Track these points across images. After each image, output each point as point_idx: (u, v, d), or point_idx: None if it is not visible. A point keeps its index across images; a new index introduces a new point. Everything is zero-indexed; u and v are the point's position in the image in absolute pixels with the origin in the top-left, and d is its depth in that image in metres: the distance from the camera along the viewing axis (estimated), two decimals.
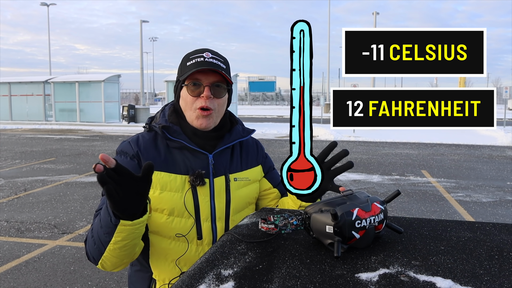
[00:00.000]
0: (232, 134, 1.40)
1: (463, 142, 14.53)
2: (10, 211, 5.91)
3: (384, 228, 0.94)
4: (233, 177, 1.38)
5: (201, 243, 1.32)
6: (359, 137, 15.58)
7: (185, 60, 1.33)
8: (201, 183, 1.29)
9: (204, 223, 1.31)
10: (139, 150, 1.32)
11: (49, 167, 9.42)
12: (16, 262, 4.14)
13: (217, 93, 1.31)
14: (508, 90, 22.52)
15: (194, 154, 1.33)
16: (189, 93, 1.30)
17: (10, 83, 23.39)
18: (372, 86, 22.63)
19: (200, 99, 1.29)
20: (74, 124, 21.57)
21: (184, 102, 1.33)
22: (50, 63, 39.88)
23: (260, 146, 1.53)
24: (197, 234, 1.31)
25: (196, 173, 1.29)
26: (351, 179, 8.16)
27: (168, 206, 1.29)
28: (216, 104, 1.31)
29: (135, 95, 65.67)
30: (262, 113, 38.19)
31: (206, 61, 1.29)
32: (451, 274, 0.77)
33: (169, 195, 1.29)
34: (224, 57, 1.37)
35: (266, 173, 1.50)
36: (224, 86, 1.33)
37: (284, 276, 0.78)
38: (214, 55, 1.33)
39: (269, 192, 1.48)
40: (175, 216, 1.30)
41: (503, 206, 6.28)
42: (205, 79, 1.29)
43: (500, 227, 1.04)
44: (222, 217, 1.34)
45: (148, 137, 1.36)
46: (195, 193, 1.30)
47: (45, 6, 36.37)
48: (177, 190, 1.30)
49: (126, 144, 1.35)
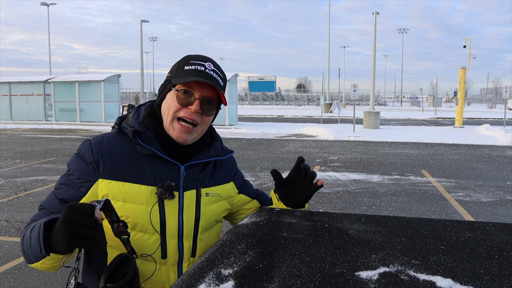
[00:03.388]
0: (210, 150, 1.29)
1: (463, 142, 14.52)
2: (10, 211, 5.92)
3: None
4: (205, 192, 1.26)
5: (165, 263, 1.19)
6: (359, 137, 15.58)
7: (184, 62, 1.21)
8: (169, 197, 1.16)
9: (170, 240, 1.19)
10: (100, 158, 1.17)
11: (49, 167, 9.42)
12: (16, 262, 4.14)
13: (206, 110, 1.20)
14: (508, 90, 22.50)
15: (164, 163, 1.21)
16: (177, 99, 1.18)
17: (10, 83, 23.39)
18: (372, 86, 22.61)
19: (187, 109, 1.18)
20: (74, 124, 21.57)
21: (167, 106, 1.21)
22: (50, 63, 39.90)
23: (234, 161, 1.43)
24: (161, 253, 1.18)
25: (166, 185, 1.16)
26: (351, 179, 8.16)
27: (131, 220, 1.15)
28: (202, 121, 1.21)
29: (135, 95, 65.66)
30: (262, 113, 38.17)
31: (206, 73, 1.18)
32: (451, 274, 0.77)
33: (132, 208, 1.15)
34: (224, 74, 1.27)
35: (241, 188, 1.41)
36: (215, 104, 1.22)
37: (284, 275, 0.78)
38: (216, 68, 1.22)
39: (250, 205, 1.43)
40: (138, 231, 1.16)
41: (503, 206, 6.28)
42: (199, 91, 1.18)
43: (500, 227, 1.04)
44: (189, 235, 1.22)
45: (115, 139, 1.22)
46: (162, 207, 1.17)
47: (40, 5, 36.51)
48: (141, 203, 1.16)
49: (86, 147, 1.20)
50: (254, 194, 1.45)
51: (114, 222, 1.00)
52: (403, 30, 75.52)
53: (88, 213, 0.88)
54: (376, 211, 5.97)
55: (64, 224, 0.88)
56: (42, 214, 1.15)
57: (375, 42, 21.95)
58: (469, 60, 20.76)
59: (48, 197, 1.20)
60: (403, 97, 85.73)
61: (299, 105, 63.71)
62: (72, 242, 0.88)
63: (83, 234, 0.88)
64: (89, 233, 0.88)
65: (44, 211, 1.17)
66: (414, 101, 67.01)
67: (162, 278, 1.19)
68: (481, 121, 26.16)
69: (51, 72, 38.93)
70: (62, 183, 1.20)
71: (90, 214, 0.88)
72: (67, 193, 1.17)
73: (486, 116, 33.54)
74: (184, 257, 1.22)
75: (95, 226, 0.89)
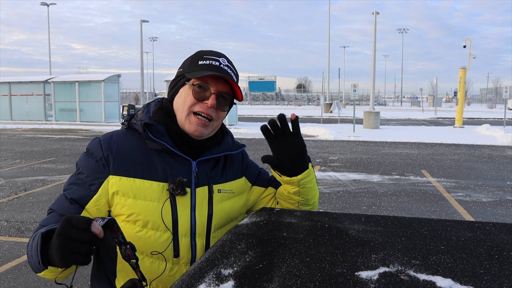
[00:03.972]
0: (221, 146, 1.28)
1: (463, 142, 14.52)
2: (10, 211, 5.91)
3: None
4: (217, 188, 1.24)
5: (178, 262, 1.17)
6: (359, 137, 15.57)
7: (198, 57, 1.20)
8: (181, 193, 1.14)
9: (182, 238, 1.16)
10: (110, 154, 1.16)
11: (49, 167, 9.42)
12: (16, 262, 4.14)
13: (222, 105, 1.20)
14: (508, 90, 22.50)
15: (175, 159, 1.19)
16: (193, 94, 1.17)
17: (10, 83, 23.38)
18: (372, 86, 22.60)
19: (202, 104, 1.17)
20: (74, 124, 21.56)
21: (182, 100, 1.19)
22: (50, 63, 39.90)
23: (245, 155, 1.40)
24: (174, 251, 1.15)
25: (177, 181, 1.14)
26: (351, 178, 8.16)
27: (142, 217, 1.13)
28: (217, 115, 1.20)
29: (135, 95, 65.67)
30: (262, 112, 38.16)
31: (221, 68, 1.18)
32: (451, 274, 0.77)
33: (143, 204, 1.13)
34: (236, 70, 1.26)
35: (255, 180, 1.39)
36: (230, 100, 1.22)
37: (284, 275, 0.78)
38: (229, 64, 1.22)
39: (266, 193, 1.39)
40: (149, 229, 1.14)
41: (503, 206, 6.28)
42: (214, 86, 1.17)
43: (500, 227, 1.04)
44: (202, 233, 1.19)
45: (124, 136, 1.21)
46: (174, 203, 1.15)
47: (39, 5, 36.55)
48: (152, 199, 1.14)
49: (96, 143, 1.19)
50: (268, 181, 1.41)
51: (122, 244, 0.93)
52: (403, 30, 75.50)
53: (84, 228, 0.81)
54: (376, 211, 5.97)
55: (58, 238, 0.81)
56: (51, 218, 1.12)
57: (375, 42, 21.95)
58: (469, 60, 20.76)
59: (57, 199, 1.16)
60: (403, 97, 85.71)
61: (299, 105, 63.68)
62: (66, 258, 0.81)
63: (77, 250, 0.81)
64: (84, 249, 0.81)
65: (54, 214, 1.13)
66: (414, 101, 66.97)
67: (175, 278, 1.16)
68: (481, 121, 26.16)
69: (51, 72, 38.94)
70: (71, 183, 1.17)
71: (86, 228, 0.81)
72: (77, 193, 1.14)
73: (486, 116, 33.54)
74: (197, 256, 1.18)
75: (91, 241, 0.82)
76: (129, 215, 1.14)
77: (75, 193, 1.14)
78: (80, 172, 1.17)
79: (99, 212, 1.15)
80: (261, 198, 1.39)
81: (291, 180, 1.23)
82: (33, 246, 0.98)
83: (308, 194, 1.28)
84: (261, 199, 1.39)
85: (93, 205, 1.14)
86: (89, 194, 1.14)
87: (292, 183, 1.24)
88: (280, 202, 1.35)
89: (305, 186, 1.25)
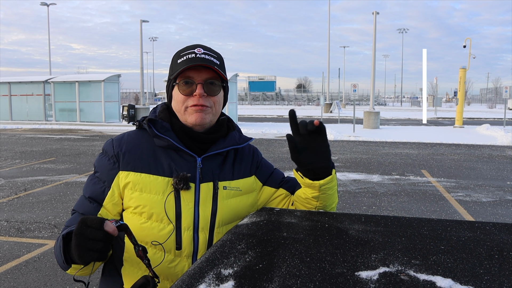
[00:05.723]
0: (227, 140, 1.30)
1: (463, 142, 14.52)
2: (10, 211, 5.91)
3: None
4: (222, 185, 1.25)
5: (180, 254, 1.20)
6: (359, 137, 15.58)
7: (176, 57, 1.25)
8: (185, 187, 1.18)
9: (185, 232, 1.19)
10: (120, 151, 1.23)
11: (49, 167, 9.42)
12: (16, 262, 4.14)
13: (211, 91, 1.22)
14: (508, 90, 22.50)
15: (180, 155, 1.24)
16: (180, 92, 1.22)
17: (10, 83, 23.37)
18: (372, 86, 22.60)
19: (193, 97, 1.21)
20: (74, 124, 21.56)
21: (176, 101, 1.25)
22: (50, 63, 39.89)
23: (256, 154, 1.40)
24: (176, 244, 1.19)
25: (180, 176, 1.18)
26: (351, 178, 8.16)
27: (147, 209, 1.18)
28: (211, 102, 1.23)
29: (135, 95, 65.68)
30: (262, 112, 38.17)
31: (198, 57, 1.20)
32: (451, 274, 0.77)
33: (148, 197, 1.19)
34: (217, 53, 1.27)
35: (266, 180, 1.38)
36: (219, 83, 1.24)
37: (284, 275, 0.78)
38: (207, 50, 1.24)
39: (276, 194, 1.37)
40: (154, 220, 1.19)
41: (503, 205, 6.28)
42: (198, 76, 1.21)
43: (500, 227, 1.04)
44: (205, 228, 1.21)
45: (135, 135, 1.28)
46: (178, 197, 1.19)
47: (39, 5, 36.56)
48: (157, 193, 1.19)
49: (109, 143, 1.28)
50: (279, 182, 1.39)
51: (135, 246, 0.99)
52: (403, 30, 75.52)
53: (97, 227, 0.90)
54: (376, 211, 5.97)
55: (75, 237, 0.91)
56: (74, 218, 1.21)
57: (375, 42, 21.94)
58: (469, 60, 20.76)
59: (78, 200, 1.26)
60: (403, 97, 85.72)
61: (299, 105, 63.71)
62: (83, 255, 0.91)
63: (92, 247, 0.90)
64: (98, 246, 0.90)
65: (76, 214, 1.23)
66: (414, 101, 66.99)
67: (177, 269, 1.20)
68: (481, 121, 26.16)
69: (51, 72, 38.92)
70: (89, 183, 1.26)
71: (99, 227, 0.90)
72: (94, 191, 1.23)
73: (486, 116, 33.54)
74: (199, 249, 1.21)
75: (104, 239, 0.91)
76: (136, 207, 1.20)
77: (92, 191, 1.24)
78: (96, 171, 1.27)
79: (115, 207, 1.23)
80: (271, 198, 1.38)
81: (312, 184, 1.20)
82: (57, 247, 1.09)
83: (327, 201, 1.26)
84: (271, 200, 1.38)
85: (109, 200, 1.23)
86: (102, 190, 1.23)
87: (313, 187, 1.21)
88: (296, 204, 1.33)
89: (326, 192, 1.23)
